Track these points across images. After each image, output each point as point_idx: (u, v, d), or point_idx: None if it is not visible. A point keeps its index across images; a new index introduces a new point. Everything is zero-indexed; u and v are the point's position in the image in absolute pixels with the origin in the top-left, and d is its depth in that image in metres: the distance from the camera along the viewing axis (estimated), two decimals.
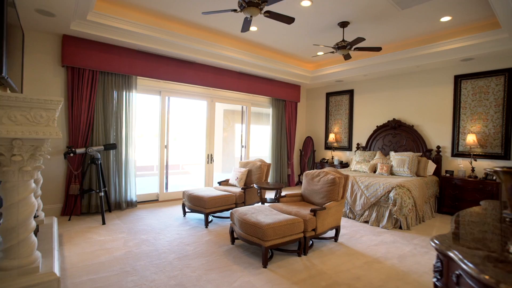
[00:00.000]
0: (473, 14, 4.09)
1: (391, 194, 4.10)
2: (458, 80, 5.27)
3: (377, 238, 3.68)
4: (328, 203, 3.27)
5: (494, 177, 4.60)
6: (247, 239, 2.84)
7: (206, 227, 3.90)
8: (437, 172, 5.41)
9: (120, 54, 4.62)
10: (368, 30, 4.71)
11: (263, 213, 3.09)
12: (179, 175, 11.15)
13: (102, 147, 4.21)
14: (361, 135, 6.89)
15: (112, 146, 4.33)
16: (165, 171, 5.55)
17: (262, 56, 5.92)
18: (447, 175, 5.12)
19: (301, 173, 8.05)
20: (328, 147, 7.66)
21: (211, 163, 6.16)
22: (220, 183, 5.02)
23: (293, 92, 7.60)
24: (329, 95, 7.65)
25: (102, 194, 3.94)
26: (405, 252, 3.20)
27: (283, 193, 4.41)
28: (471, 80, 5.13)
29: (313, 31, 4.83)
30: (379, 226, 4.20)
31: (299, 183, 8.01)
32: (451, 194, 4.96)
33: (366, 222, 4.39)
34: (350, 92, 7.12)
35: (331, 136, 7.30)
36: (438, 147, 5.47)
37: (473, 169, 4.88)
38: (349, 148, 7.15)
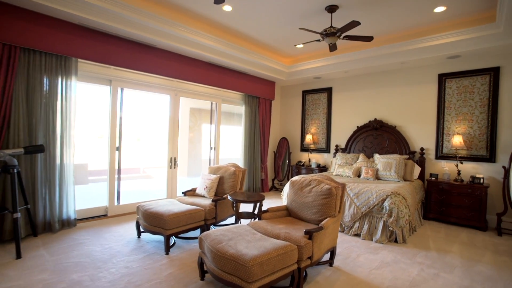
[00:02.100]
0: (469, 5, 3.76)
1: (386, 204, 3.59)
2: (443, 79, 5.01)
3: (375, 257, 3.12)
4: (325, 221, 2.61)
5: (482, 181, 4.36)
6: (224, 279, 2.06)
7: (167, 253, 3.02)
8: (421, 175, 5.10)
9: (54, 27, 3.53)
10: (357, 18, 4.19)
11: (243, 238, 2.33)
12: (140, 179, 9.90)
13: (22, 149, 3.10)
14: (340, 136, 6.44)
15: (38, 149, 3.24)
16: (116, 180, 4.52)
17: (235, 44, 5.15)
18: (433, 178, 4.81)
19: (275, 177, 7.41)
20: (304, 149, 7.12)
21: (174, 168, 5.23)
22: (185, 193, 4.14)
23: (268, 88, 6.94)
24: (305, 93, 7.12)
25: (19, 215, 2.86)
26: (414, 277, 2.66)
27: (263, 205, 3.67)
28: (455, 79, 4.89)
29: (296, 16, 4.19)
30: (372, 240, 3.67)
31: (273, 188, 7.36)
32: (438, 199, 4.64)
33: (357, 235, 3.84)
34: (329, 90, 6.65)
35: (308, 137, 6.77)
36: (422, 149, 5.17)
37: (459, 172, 4.61)
38: (327, 150, 6.67)
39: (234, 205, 3.38)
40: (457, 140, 4.64)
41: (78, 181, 7.80)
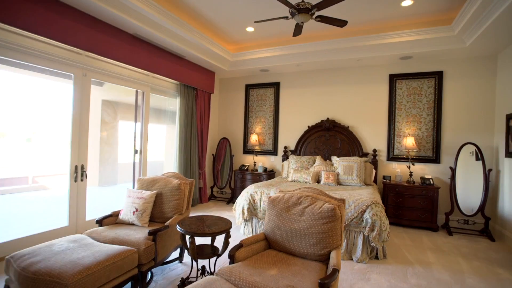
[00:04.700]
0: (436, 2, 3.61)
1: (367, 215, 3.07)
2: (393, 79, 4.96)
3: (368, 284, 2.53)
4: (334, 257, 1.82)
5: (431, 182, 4.40)
6: None
7: None
8: (374, 178, 4.94)
9: None
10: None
11: None
12: (27, 193, 7.25)
13: None
14: (289, 137, 5.88)
15: None
16: None
17: (172, 14, 3.93)
18: (387, 181, 4.67)
19: (214, 185, 6.35)
20: (248, 151, 6.32)
21: (82, 180, 3.63)
22: (101, 221, 2.71)
23: (207, 79, 5.86)
24: (249, 87, 6.33)
25: None
26: None
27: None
28: (405, 81, 4.89)
29: None
30: (352, 259, 3.11)
31: (212, 197, 6.29)
32: (395, 202, 4.51)
33: None
34: (276, 85, 6.02)
35: (253, 138, 5.99)
36: (375, 150, 5.02)
37: (411, 174, 4.57)
38: (274, 152, 6.03)
39: (189, 240, 2.23)
40: (409, 142, 4.60)
41: None
